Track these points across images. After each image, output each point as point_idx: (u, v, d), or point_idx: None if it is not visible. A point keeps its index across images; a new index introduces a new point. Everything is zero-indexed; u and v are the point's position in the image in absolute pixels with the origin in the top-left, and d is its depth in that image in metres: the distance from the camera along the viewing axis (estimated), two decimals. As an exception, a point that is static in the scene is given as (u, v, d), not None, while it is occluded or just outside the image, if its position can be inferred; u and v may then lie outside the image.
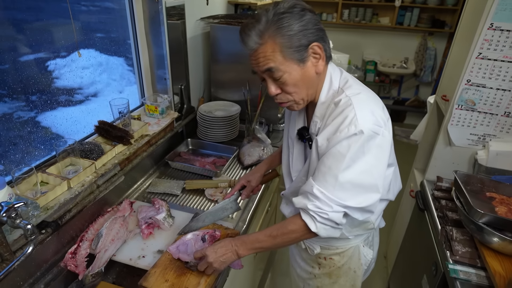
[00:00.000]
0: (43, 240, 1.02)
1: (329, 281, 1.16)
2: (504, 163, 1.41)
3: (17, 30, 1.23)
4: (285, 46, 0.82)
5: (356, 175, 0.84)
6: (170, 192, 1.44)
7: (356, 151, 0.83)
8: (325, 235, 0.90)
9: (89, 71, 1.57)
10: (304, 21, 0.81)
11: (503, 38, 1.27)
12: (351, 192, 0.85)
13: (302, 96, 0.90)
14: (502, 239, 1.03)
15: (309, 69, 0.87)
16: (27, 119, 1.31)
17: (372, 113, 0.85)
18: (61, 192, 1.10)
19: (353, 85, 0.91)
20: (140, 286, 0.97)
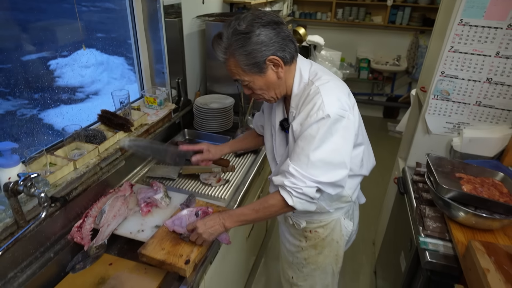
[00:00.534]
0: (53, 213, 1.13)
1: (315, 252, 1.27)
2: (476, 149, 1.52)
3: (19, 30, 1.32)
4: (243, 64, 0.96)
5: (325, 154, 0.96)
6: (168, 177, 1.56)
7: (325, 133, 0.95)
8: (301, 208, 1.01)
9: (90, 70, 1.66)
10: (259, 40, 0.92)
11: (472, 33, 1.38)
12: (322, 169, 0.97)
13: (271, 95, 1.05)
14: (466, 212, 1.14)
15: (270, 76, 0.99)
16: (30, 117, 1.40)
17: (338, 99, 0.97)
18: (68, 172, 1.21)
19: (322, 76, 1.03)
20: (140, 253, 1.08)
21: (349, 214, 1.28)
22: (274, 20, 0.95)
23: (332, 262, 1.29)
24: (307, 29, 4.27)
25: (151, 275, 1.12)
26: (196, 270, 1.08)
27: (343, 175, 0.99)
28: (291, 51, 0.99)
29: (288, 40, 0.98)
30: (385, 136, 4.18)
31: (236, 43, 0.94)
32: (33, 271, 1.06)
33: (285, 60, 0.99)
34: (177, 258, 1.06)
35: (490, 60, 1.40)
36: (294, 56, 1.02)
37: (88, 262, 1.16)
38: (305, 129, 0.97)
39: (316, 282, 1.33)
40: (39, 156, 1.17)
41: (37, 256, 1.09)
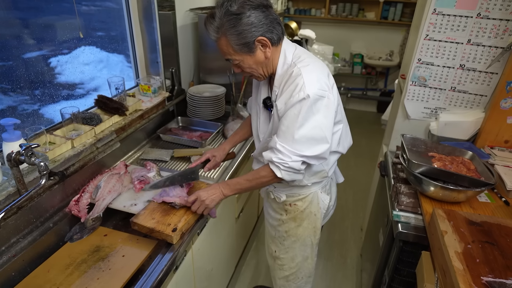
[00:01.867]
0: (52, 186, 1.23)
1: (295, 225, 1.37)
2: (451, 132, 1.61)
3: (21, 28, 1.37)
4: (234, 43, 1.04)
5: (308, 131, 1.06)
6: (160, 159, 1.65)
7: (307, 112, 1.04)
8: (290, 179, 1.13)
9: (90, 67, 1.72)
10: (249, 21, 1.00)
11: (445, 22, 1.47)
12: (306, 144, 1.08)
13: (260, 72, 1.14)
14: (434, 185, 1.23)
15: (259, 56, 1.08)
16: (31, 112, 1.45)
17: (318, 80, 1.07)
18: (66, 149, 1.31)
19: (304, 59, 1.11)
20: (132, 222, 1.18)
21: (326, 189, 1.37)
22: (264, 3, 1.03)
23: (310, 234, 1.38)
24: (301, 25, 4.37)
25: (142, 245, 1.22)
26: (183, 239, 1.17)
27: (325, 148, 1.10)
28: (278, 33, 1.08)
29: (276, 23, 1.06)
30: (378, 129, 4.26)
31: (228, 24, 1.01)
32: (34, 238, 1.15)
33: (273, 41, 1.07)
34: (165, 226, 1.15)
35: (463, 47, 1.49)
36: (281, 37, 1.11)
37: (85, 233, 1.25)
38: (289, 108, 1.06)
39: (296, 254, 1.42)
40: (39, 135, 1.26)
41: (38, 225, 1.19)
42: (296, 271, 1.46)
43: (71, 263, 1.13)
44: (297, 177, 1.14)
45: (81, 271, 1.11)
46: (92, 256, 1.17)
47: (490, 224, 1.03)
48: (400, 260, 1.33)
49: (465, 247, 0.93)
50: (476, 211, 1.21)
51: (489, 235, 0.98)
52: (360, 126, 4.34)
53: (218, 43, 1.08)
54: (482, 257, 0.90)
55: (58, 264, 1.13)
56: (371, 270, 1.75)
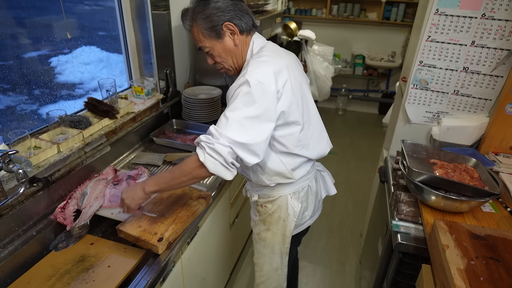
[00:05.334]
0: (35, 193, 1.18)
1: (264, 228, 1.32)
2: (454, 137, 1.55)
3: (20, 28, 1.36)
4: (203, 27, 1.08)
5: (241, 117, 0.99)
6: (152, 163, 1.60)
7: (243, 97, 0.99)
8: (214, 170, 1.00)
9: (90, 67, 1.70)
10: (217, 6, 1.06)
11: (447, 23, 1.41)
12: (237, 130, 0.98)
13: (230, 63, 1.16)
14: (435, 195, 1.17)
15: (227, 43, 1.11)
16: (29, 112, 1.44)
17: (263, 72, 1.03)
18: (52, 154, 1.26)
19: (263, 52, 1.12)
20: (118, 229, 1.13)
21: (300, 196, 1.29)
22: None
23: (279, 241, 1.32)
24: (302, 26, 4.31)
25: (130, 254, 1.16)
26: (170, 249, 1.12)
27: (258, 140, 1.01)
28: (247, 22, 1.12)
29: (245, 13, 1.11)
30: (379, 132, 4.19)
31: (198, 9, 1.08)
32: (15, 247, 1.10)
33: (241, 29, 1.11)
34: (151, 235, 1.10)
35: (466, 49, 1.43)
36: (251, 28, 1.14)
37: (71, 241, 1.20)
38: (231, 94, 1.05)
39: (265, 261, 1.36)
40: (24, 139, 1.21)
41: (20, 233, 1.14)
42: (265, 280, 1.40)
43: (54, 274, 1.08)
44: (222, 171, 1.01)
45: (64, 283, 1.06)
46: (76, 266, 1.12)
47: (495, 238, 0.97)
48: (399, 272, 1.27)
49: (468, 263, 0.87)
50: (480, 222, 1.15)
51: (494, 250, 0.92)
52: (361, 128, 4.27)
53: (191, 32, 1.12)
54: (487, 275, 0.83)
55: (40, 275, 1.08)
56: (370, 279, 1.69)
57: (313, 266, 2.21)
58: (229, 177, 1.03)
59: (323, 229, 2.50)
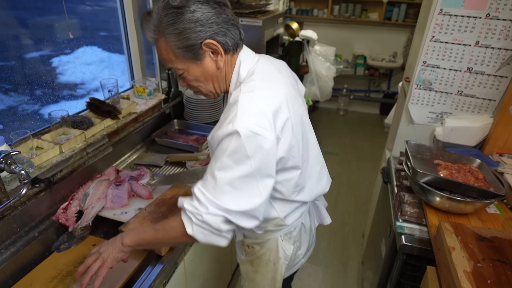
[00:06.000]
0: (37, 194, 1.17)
1: (252, 269, 1.14)
2: (458, 138, 1.54)
3: (22, 28, 1.36)
4: (174, 46, 0.80)
5: (236, 178, 0.78)
6: (155, 164, 1.59)
7: (236, 152, 0.77)
8: (205, 241, 0.83)
9: (91, 67, 1.70)
10: (194, 18, 0.78)
11: (452, 23, 1.40)
12: (231, 195, 0.79)
13: (209, 88, 0.90)
14: (440, 196, 1.16)
15: (208, 65, 0.85)
16: (31, 112, 1.44)
17: (257, 113, 0.79)
18: (54, 155, 1.25)
19: (254, 80, 0.86)
20: (120, 230, 1.12)
21: (292, 236, 1.10)
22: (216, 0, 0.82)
23: (270, 284, 1.13)
24: (303, 26, 4.30)
25: (132, 255, 1.14)
26: (173, 251, 1.11)
27: (257, 203, 0.81)
28: (234, 38, 0.85)
29: (231, 24, 0.84)
30: (381, 132, 4.19)
31: (167, 19, 0.78)
32: (17, 248, 1.09)
33: (226, 47, 0.84)
34: (155, 237, 1.09)
35: (470, 49, 1.42)
36: (238, 44, 0.88)
37: (73, 242, 1.19)
38: (215, 143, 0.81)
39: None
40: (26, 140, 1.21)
41: (22, 234, 1.13)
42: None
43: (56, 276, 1.08)
44: (216, 240, 0.83)
45: (66, 284, 1.05)
46: (78, 267, 1.11)
47: (502, 240, 0.96)
48: (403, 273, 1.26)
49: (474, 265, 0.86)
50: (485, 224, 1.14)
51: (501, 252, 0.91)
52: (362, 128, 4.26)
53: (157, 47, 0.84)
54: (494, 277, 0.83)
55: (42, 276, 1.07)
56: (373, 280, 1.68)
57: (315, 267, 2.20)
58: (224, 244, 0.84)
59: (325, 230, 2.49)
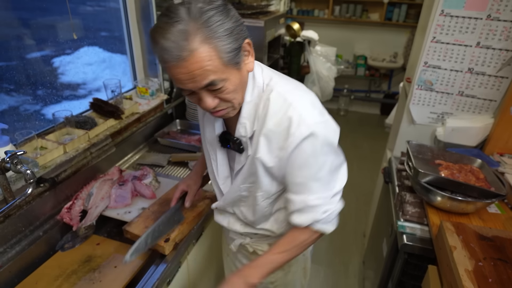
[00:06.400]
0: (42, 193, 1.18)
1: (282, 273, 1.11)
2: (459, 138, 1.55)
3: (24, 28, 1.36)
4: (224, 51, 0.67)
5: (329, 169, 0.84)
6: (157, 164, 1.60)
7: (320, 150, 0.79)
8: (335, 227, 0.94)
9: (92, 67, 1.71)
10: (234, 17, 0.70)
11: (453, 24, 1.41)
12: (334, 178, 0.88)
13: (239, 100, 0.79)
14: (441, 196, 1.17)
15: (243, 70, 0.76)
16: (33, 112, 1.45)
17: (313, 103, 0.82)
18: (58, 155, 1.26)
19: (280, 81, 0.84)
20: (124, 230, 1.13)
21: None
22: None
23: (300, 277, 1.16)
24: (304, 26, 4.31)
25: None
26: (177, 249, 1.12)
27: (345, 167, 0.92)
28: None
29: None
30: (381, 132, 4.19)
31: (216, 18, 0.65)
32: (22, 247, 1.10)
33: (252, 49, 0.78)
34: (158, 236, 1.10)
35: (471, 50, 1.43)
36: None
37: (77, 242, 1.20)
38: (293, 152, 0.78)
39: None
40: (30, 140, 1.22)
41: (27, 234, 1.14)
42: None
43: (61, 274, 1.09)
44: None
45: (71, 283, 1.06)
46: (83, 266, 1.12)
47: (503, 239, 0.97)
48: (404, 272, 1.27)
49: (476, 264, 0.87)
50: (486, 223, 1.15)
51: (502, 251, 0.92)
52: (363, 128, 4.27)
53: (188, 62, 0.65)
54: (495, 276, 0.84)
55: (47, 275, 1.08)
56: (374, 280, 1.69)
57: (316, 266, 2.21)
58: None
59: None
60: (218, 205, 1.05)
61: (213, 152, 0.96)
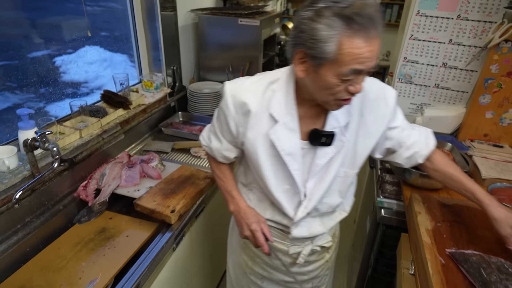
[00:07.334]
0: (61, 172, 1.34)
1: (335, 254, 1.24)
2: (435, 126, 1.70)
3: (26, 28, 1.41)
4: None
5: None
6: (162, 150, 1.76)
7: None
8: None
9: (94, 66, 1.78)
10: None
11: (428, 23, 1.57)
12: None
13: None
14: (414, 174, 1.33)
15: None
16: (36, 109, 1.50)
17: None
18: (75, 139, 1.42)
19: None
20: (135, 203, 1.29)
21: None
22: None
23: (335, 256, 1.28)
24: (300, 26, 4.46)
25: (144, 227, 1.32)
26: (181, 220, 1.28)
27: None
28: None
29: None
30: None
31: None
32: (46, 218, 1.26)
33: None
34: (165, 208, 1.26)
35: (445, 46, 1.59)
36: None
37: (92, 216, 1.36)
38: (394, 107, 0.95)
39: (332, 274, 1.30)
40: (51, 125, 1.37)
41: (49, 207, 1.30)
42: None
43: (80, 242, 1.24)
44: None
45: (89, 248, 1.21)
46: (98, 236, 1.28)
47: (461, 206, 1.13)
48: (383, 243, 1.43)
49: (435, 225, 1.03)
50: (452, 197, 1.31)
51: (459, 215, 1.08)
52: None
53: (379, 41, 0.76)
54: (449, 233, 1.00)
55: (68, 242, 1.24)
56: (359, 257, 1.85)
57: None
58: None
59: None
60: (298, 217, 1.00)
61: (294, 162, 0.92)
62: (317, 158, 0.93)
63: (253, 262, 1.18)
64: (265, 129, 0.91)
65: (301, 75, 0.81)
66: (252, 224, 1.01)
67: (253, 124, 0.91)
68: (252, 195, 1.08)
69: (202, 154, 1.73)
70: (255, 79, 0.93)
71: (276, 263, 1.15)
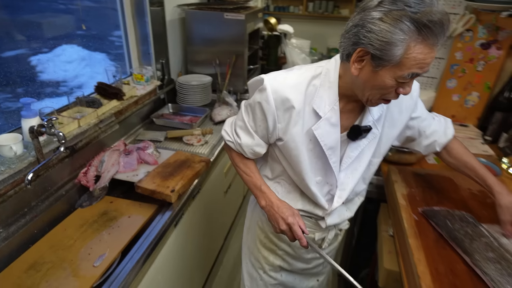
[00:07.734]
0: (63, 159, 1.40)
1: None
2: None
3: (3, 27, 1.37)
4: None
5: None
6: (155, 139, 1.84)
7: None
8: None
9: (72, 65, 1.78)
10: None
11: (400, 14, 1.72)
12: None
13: None
14: (392, 150, 1.48)
15: None
16: (15, 109, 1.48)
17: None
18: (74, 128, 1.48)
19: None
20: (136, 185, 1.37)
21: None
22: None
23: None
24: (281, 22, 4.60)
25: (145, 209, 1.41)
26: (180, 200, 1.37)
27: None
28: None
29: None
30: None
31: None
32: (50, 202, 1.32)
33: None
34: (164, 188, 1.35)
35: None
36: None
37: (93, 200, 1.43)
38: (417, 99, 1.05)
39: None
40: (50, 115, 1.43)
41: (52, 192, 1.36)
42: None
43: (84, 223, 1.31)
44: None
45: (94, 229, 1.29)
46: (101, 218, 1.35)
47: (432, 175, 1.28)
48: (365, 216, 1.58)
49: (409, 190, 1.18)
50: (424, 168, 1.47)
51: (430, 182, 1.23)
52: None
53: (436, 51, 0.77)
54: (421, 196, 1.14)
55: (73, 224, 1.31)
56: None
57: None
58: None
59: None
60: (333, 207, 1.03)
61: (333, 155, 0.95)
62: (350, 150, 0.96)
63: (274, 255, 1.21)
64: (308, 124, 0.92)
65: (356, 73, 0.80)
66: (288, 217, 0.98)
67: (296, 120, 0.91)
68: (280, 188, 1.09)
69: (195, 142, 1.82)
70: (296, 74, 0.92)
71: (299, 252, 1.18)
